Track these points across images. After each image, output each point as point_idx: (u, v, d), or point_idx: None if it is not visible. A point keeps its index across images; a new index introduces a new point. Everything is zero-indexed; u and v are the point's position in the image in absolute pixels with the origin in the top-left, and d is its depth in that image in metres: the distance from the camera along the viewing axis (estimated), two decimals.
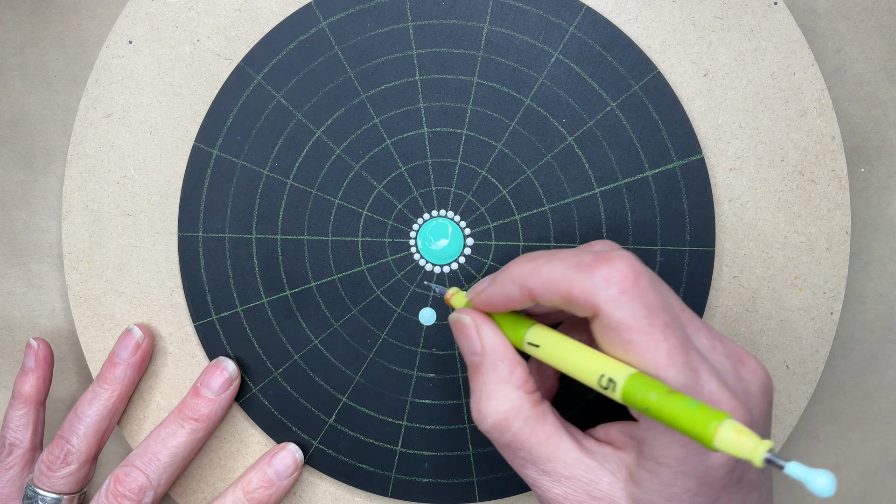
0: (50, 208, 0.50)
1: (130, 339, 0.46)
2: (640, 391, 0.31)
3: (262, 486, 0.45)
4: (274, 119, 0.46)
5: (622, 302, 0.33)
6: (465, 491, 0.47)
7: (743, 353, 0.36)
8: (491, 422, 0.36)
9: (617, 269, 0.33)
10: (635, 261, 0.34)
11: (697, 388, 0.32)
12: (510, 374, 0.37)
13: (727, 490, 0.34)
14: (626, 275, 0.33)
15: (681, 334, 0.33)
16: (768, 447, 0.27)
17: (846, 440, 0.50)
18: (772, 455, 0.27)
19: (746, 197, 0.46)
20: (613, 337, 0.33)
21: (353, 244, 0.47)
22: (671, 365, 0.32)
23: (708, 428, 0.28)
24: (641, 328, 0.33)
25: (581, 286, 0.34)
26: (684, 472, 0.33)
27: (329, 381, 0.47)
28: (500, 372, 0.37)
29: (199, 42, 0.47)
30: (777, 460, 0.26)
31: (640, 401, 0.31)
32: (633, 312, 0.33)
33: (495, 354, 0.37)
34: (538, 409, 0.36)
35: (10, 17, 0.49)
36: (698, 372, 0.33)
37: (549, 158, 0.46)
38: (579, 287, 0.34)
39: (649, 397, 0.31)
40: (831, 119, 0.46)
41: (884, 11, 0.47)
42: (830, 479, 0.25)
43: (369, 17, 0.46)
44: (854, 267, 0.49)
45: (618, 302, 0.33)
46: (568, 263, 0.35)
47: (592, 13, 0.46)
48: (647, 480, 0.34)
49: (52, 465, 0.45)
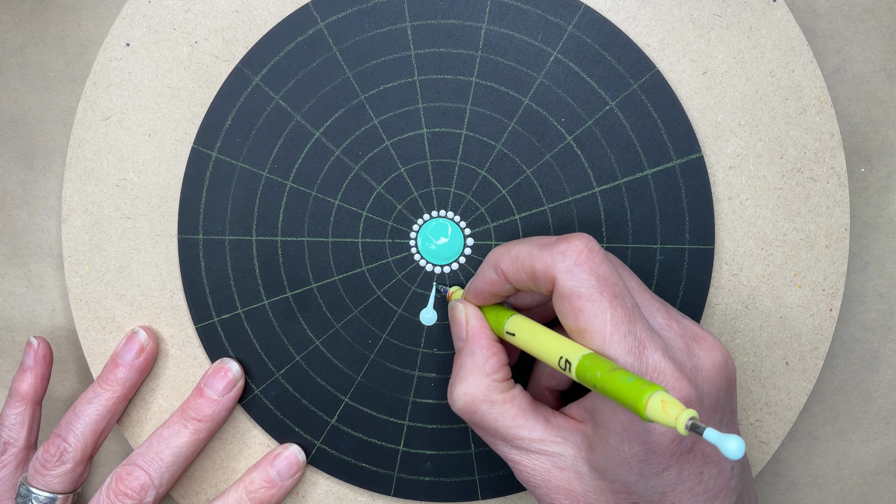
0: (50, 208, 0.50)
1: (135, 342, 0.46)
2: (590, 370, 0.34)
3: (264, 486, 0.46)
4: (273, 121, 0.46)
5: (575, 272, 0.36)
6: (467, 489, 0.48)
7: (701, 333, 0.38)
8: (460, 404, 0.40)
9: (573, 244, 0.37)
10: (592, 240, 0.37)
11: (642, 357, 0.35)
12: (485, 361, 0.40)
13: (677, 459, 0.35)
14: (581, 249, 0.36)
15: (628, 306, 0.36)
16: (690, 415, 0.29)
17: (846, 440, 0.50)
18: (693, 422, 0.29)
19: (746, 195, 0.46)
20: (566, 305, 0.36)
21: (354, 245, 0.47)
22: (615, 332, 0.35)
23: (641, 400, 0.30)
24: (590, 296, 0.36)
25: (542, 261, 0.37)
26: (629, 437, 0.35)
27: (331, 382, 0.47)
28: (475, 358, 0.40)
29: (196, 44, 0.47)
30: (698, 426, 0.28)
31: (589, 378, 0.34)
32: (583, 282, 0.36)
33: (475, 342, 0.41)
34: (506, 395, 0.39)
35: (10, 17, 0.49)
36: (643, 342, 0.35)
37: (549, 158, 0.46)
38: (540, 262, 0.37)
39: (596, 375, 0.33)
40: (830, 116, 0.46)
41: (884, 11, 0.47)
42: (740, 443, 0.27)
43: (367, 17, 0.46)
44: (854, 267, 0.49)
45: (571, 272, 0.36)
46: (533, 244, 0.38)
47: (591, 12, 0.45)
48: (599, 447, 0.37)
49: (47, 464, 0.45)
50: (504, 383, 0.40)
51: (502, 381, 0.40)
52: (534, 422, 0.39)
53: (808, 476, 0.51)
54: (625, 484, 0.36)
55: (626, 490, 0.36)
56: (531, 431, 0.38)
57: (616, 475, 0.36)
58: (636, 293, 0.39)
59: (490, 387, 0.39)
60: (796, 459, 0.50)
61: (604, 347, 0.35)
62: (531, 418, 0.39)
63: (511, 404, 0.39)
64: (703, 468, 0.36)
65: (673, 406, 0.29)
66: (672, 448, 0.35)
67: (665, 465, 0.35)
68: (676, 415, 0.29)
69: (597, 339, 0.35)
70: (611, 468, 0.36)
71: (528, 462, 0.39)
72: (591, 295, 0.36)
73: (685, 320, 0.39)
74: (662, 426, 0.35)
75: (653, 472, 0.36)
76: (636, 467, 0.36)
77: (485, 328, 0.41)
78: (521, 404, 0.39)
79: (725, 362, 0.37)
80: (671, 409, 0.29)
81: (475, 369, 0.40)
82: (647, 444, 0.35)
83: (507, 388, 0.40)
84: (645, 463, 0.35)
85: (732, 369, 0.38)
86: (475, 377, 0.40)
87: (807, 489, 0.51)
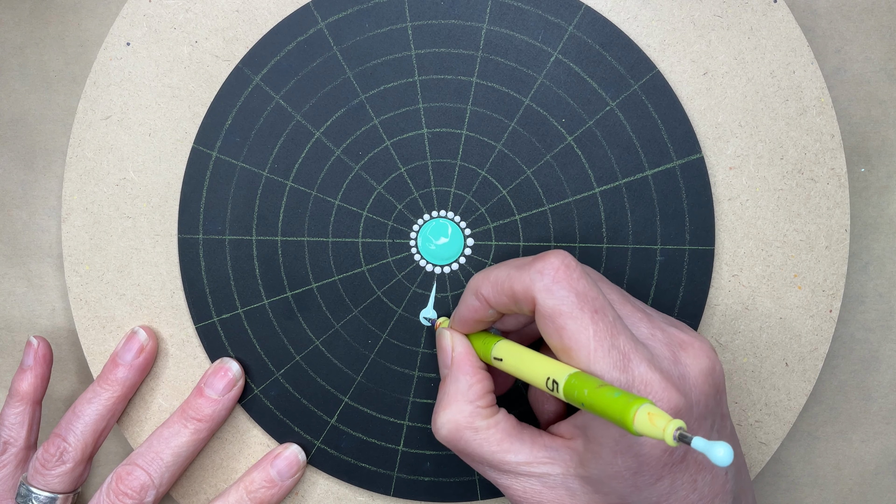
0: (50, 208, 0.50)
1: (135, 342, 0.46)
2: (577, 388, 0.34)
3: (264, 486, 0.46)
4: (273, 120, 0.46)
5: (553, 290, 0.36)
6: (466, 489, 0.48)
7: (686, 339, 0.38)
8: (444, 432, 0.40)
9: (549, 262, 0.37)
10: (568, 256, 0.37)
11: (628, 370, 0.35)
12: (468, 388, 0.40)
13: (669, 469, 0.35)
14: (558, 267, 0.36)
15: (610, 320, 0.36)
16: (677, 426, 0.29)
17: (846, 440, 0.50)
18: (680, 432, 0.29)
19: (746, 195, 0.46)
20: (549, 324, 0.36)
21: (354, 245, 0.47)
22: (598, 348, 0.35)
23: (628, 414, 0.30)
24: (571, 314, 0.36)
25: (520, 281, 0.37)
26: (622, 451, 0.35)
27: (330, 382, 0.47)
28: (459, 385, 0.40)
29: (197, 44, 0.47)
30: (686, 437, 0.28)
31: (577, 397, 0.34)
32: (563, 300, 0.36)
33: (459, 369, 0.41)
34: (490, 420, 0.39)
35: (10, 17, 0.49)
36: (628, 355, 0.35)
37: (549, 158, 0.46)
38: (519, 283, 0.37)
39: (583, 393, 0.33)
40: (831, 117, 0.46)
41: (884, 11, 0.47)
42: (728, 450, 0.27)
43: (368, 17, 0.46)
44: (854, 267, 0.49)
45: (550, 291, 0.36)
46: (511, 266, 0.38)
47: (591, 12, 0.45)
48: (592, 462, 0.37)
49: (47, 463, 0.45)
50: (487, 409, 0.40)
51: (486, 406, 0.40)
52: (519, 445, 0.39)
53: (808, 476, 0.51)
54: (619, 496, 0.36)
55: (620, 502, 0.37)
56: (517, 455, 0.38)
57: (610, 488, 0.36)
58: (617, 305, 0.39)
59: (473, 413, 0.39)
60: (796, 459, 0.50)
61: (589, 364, 0.35)
62: (516, 442, 0.39)
63: (495, 429, 0.39)
64: (697, 476, 0.36)
65: (660, 418, 0.30)
66: (664, 459, 0.35)
67: (658, 476, 0.35)
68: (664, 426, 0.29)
69: (581, 357, 0.35)
70: (605, 481, 0.36)
71: (517, 486, 0.39)
72: (572, 312, 0.36)
73: (671, 327, 0.38)
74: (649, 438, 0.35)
75: (647, 484, 0.36)
76: (630, 480, 0.36)
77: (469, 355, 0.41)
78: (504, 429, 0.39)
79: (713, 367, 0.37)
80: (658, 422, 0.29)
81: (458, 396, 0.40)
82: (640, 456, 0.35)
83: (490, 414, 0.40)
84: (638, 475, 0.35)
85: (720, 373, 0.38)
86: (458, 404, 0.40)
87: (807, 489, 0.51)
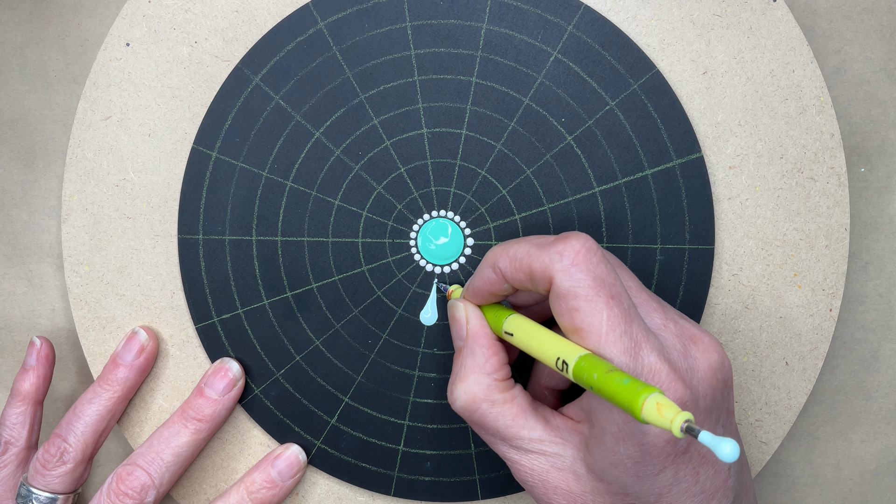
0: (50, 208, 0.50)
1: (135, 342, 0.46)
2: (587, 371, 0.34)
3: (265, 487, 0.46)
4: (273, 121, 0.46)
5: (571, 272, 0.36)
6: (467, 489, 0.48)
7: (697, 333, 0.38)
8: (460, 403, 0.40)
9: (571, 244, 0.36)
10: (590, 239, 0.37)
11: (638, 358, 0.35)
12: (485, 361, 0.40)
13: (672, 460, 0.36)
14: (579, 250, 0.36)
15: (625, 307, 0.36)
16: (685, 418, 0.29)
17: (846, 440, 0.50)
18: (688, 424, 0.29)
19: (746, 195, 0.46)
20: (563, 305, 0.36)
21: (354, 245, 0.47)
22: (611, 332, 0.35)
23: (637, 402, 0.30)
24: (586, 296, 0.36)
25: (539, 260, 0.37)
26: (625, 438, 0.35)
27: (331, 382, 0.47)
28: (476, 357, 0.40)
29: (196, 44, 0.47)
30: (694, 429, 0.28)
31: (586, 379, 0.34)
32: (580, 282, 0.36)
33: (475, 341, 0.41)
34: (507, 395, 0.39)
35: (10, 17, 0.49)
36: (639, 343, 0.35)
37: (549, 158, 0.46)
38: (538, 261, 0.37)
39: (593, 376, 0.33)
40: (830, 116, 0.46)
41: (884, 11, 0.47)
42: (734, 447, 0.27)
43: (367, 17, 0.46)
44: (854, 267, 0.49)
45: (568, 272, 0.36)
46: (531, 243, 0.38)
47: (591, 12, 0.45)
48: (595, 448, 0.37)
49: (47, 464, 0.45)
50: (504, 383, 0.40)
51: (503, 380, 0.40)
52: (533, 422, 0.39)
53: (808, 476, 0.51)
54: (621, 485, 0.36)
55: (622, 491, 0.37)
56: (531, 431, 0.39)
57: (613, 477, 0.36)
58: (633, 293, 0.39)
59: (491, 386, 0.39)
60: (796, 459, 0.50)
61: (599, 347, 0.35)
62: (531, 418, 0.39)
63: (511, 404, 0.39)
64: (700, 469, 0.36)
65: (668, 408, 0.30)
66: (667, 449, 0.35)
67: (661, 467, 0.35)
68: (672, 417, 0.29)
69: (592, 339, 0.35)
70: (607, 470, 0.36)
71: (526, 462, 0.39)
72: (588, 295, 0.36)
73: (682, 320, 0.39)
74: (658, 427, 0.35)
75: (649, 474, 0.36)
76: (632, 469, 0.36)
77: (485, 327, 0.41)
78: (521, 404, 0.39)
79: (721, 363, 0.37)
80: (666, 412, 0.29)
81: (476, 368, 0.40)
82: (643, 445, 0.35)
83: (507, 388, 0.40)
84: (641, 464, 0.35)
85: (729, 370, 0.38)
86: (476, 376, 0.40)
87: (807, 489, 0.51)
